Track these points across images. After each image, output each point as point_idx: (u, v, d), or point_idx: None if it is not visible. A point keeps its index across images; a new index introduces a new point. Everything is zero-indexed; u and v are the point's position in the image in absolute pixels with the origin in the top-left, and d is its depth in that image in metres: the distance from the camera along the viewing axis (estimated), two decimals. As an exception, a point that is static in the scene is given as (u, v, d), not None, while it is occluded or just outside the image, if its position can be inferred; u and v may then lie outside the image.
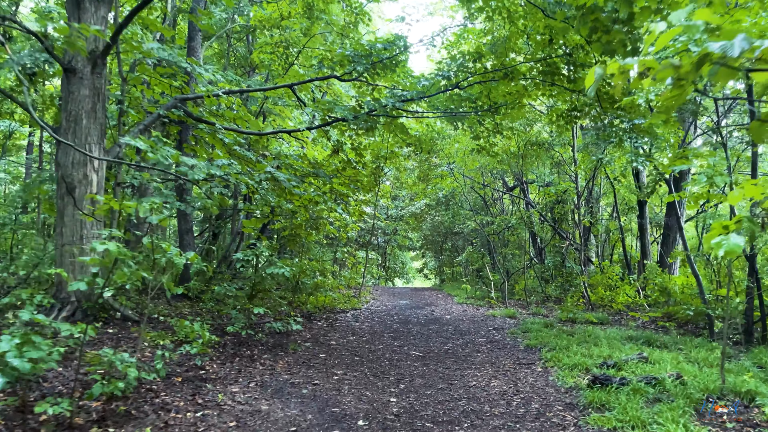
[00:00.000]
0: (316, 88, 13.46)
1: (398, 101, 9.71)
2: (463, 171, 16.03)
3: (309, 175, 10.84)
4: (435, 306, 14.80)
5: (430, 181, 17.49)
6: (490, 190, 18.95)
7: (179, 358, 6.45)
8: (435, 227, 24.98)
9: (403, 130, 12.43)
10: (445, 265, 29.35)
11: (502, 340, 9.05)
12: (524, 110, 11.11)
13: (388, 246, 32.13)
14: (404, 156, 14.69)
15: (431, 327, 10.53)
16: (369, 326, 10.46)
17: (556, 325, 10.28)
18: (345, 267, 18.44)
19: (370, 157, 13.70)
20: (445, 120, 13.80)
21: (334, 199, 13.26)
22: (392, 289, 22.19)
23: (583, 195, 16.72)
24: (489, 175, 18.39)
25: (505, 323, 11.09)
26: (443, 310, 13.65)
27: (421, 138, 13.91)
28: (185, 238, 11.73)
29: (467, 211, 24.35)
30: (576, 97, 10.13)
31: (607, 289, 13.21)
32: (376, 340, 8.92)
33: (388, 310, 13.46)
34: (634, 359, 6.89)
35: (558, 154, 17.19)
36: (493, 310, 13.55)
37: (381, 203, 26.26)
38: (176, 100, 9.37)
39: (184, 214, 11.79)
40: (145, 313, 9.38)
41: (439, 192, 21.11)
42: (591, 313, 11.39)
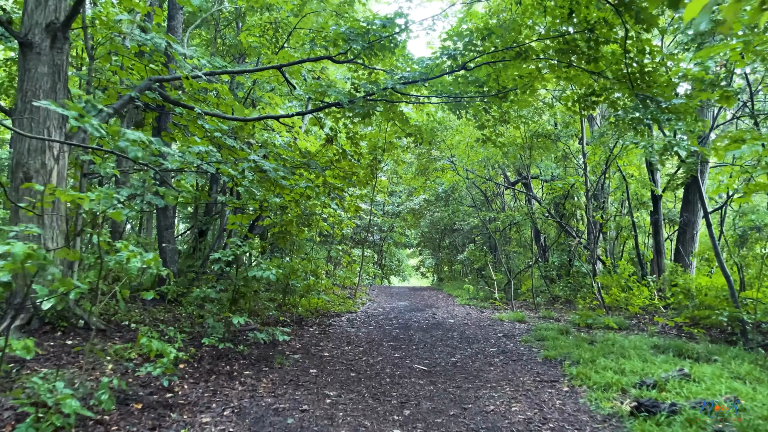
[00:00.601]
0: (308, 73, 12.46)
1: (399, 83, 8.72)
2: (465, 164, 15.08)
3: (300, 167, 9.86)
4: (436, 308, 13.84)
5: (429, 174, 16.49)
6: (493, 185, 17.95)
7: (145, 377, 5.47)
8: (434, 224, 24.02)
9: (402, 119, 11.46)
10: (444, 263, 28.40)
11: (515, 349, 8.09)
12: (536, 95, 10.15)
13: (385, 243, 31.18)
14: (403, 147, 13.73)
15: (434, 333, 9.57)
16: (366, 333, 9.48)
17: (572, 332, 9.34)
18: (340, 266, 17.46)
19: (366, 148, 12.71)
20: (447, 109, 12.84)
21: (327, 194, 12.29)
22: (389, 289, 21.22)
23: (592, 189, 15.80)
24: (491, 168, 17.41)
25: (514, 329, 10.14)
26: (445, 313, 12.69)
27: (422, 128, 12.92)
28: (164, 235, 10.71)
29: (467, 208, 23.40)
30: (595, 80, 9.17)
31: (622, 291, 12.29)
32: (375, 350, 7.94)
33: (386, 313, 12.49)
34: (674, 376, 5.94)
35: (565, 146, 16.25)
36: (499, 313, 12.60)
37: (378, 199, 25.29)
38: (150, 81, 8.34)
39: (163, 209, 10.78)
40: (113, 320, 8.40)
41: (439, 187, 20.13)
42: (608, 317, 10.46)
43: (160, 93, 8.62)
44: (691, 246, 13.86)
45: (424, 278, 35.88)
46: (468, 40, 8.91)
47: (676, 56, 8.25)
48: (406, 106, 12.88)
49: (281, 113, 12.34)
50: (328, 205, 12.15)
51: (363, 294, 16.24)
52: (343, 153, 10.74)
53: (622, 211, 17.70)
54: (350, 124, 11.26)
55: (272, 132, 13.32)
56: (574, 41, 8.42)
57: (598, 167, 15.19)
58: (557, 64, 9.05)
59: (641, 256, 14.59)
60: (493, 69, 9.44)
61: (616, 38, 7.89)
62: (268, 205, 9.05)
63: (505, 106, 11.29)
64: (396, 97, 10.18)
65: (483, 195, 19.33)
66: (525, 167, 16.06)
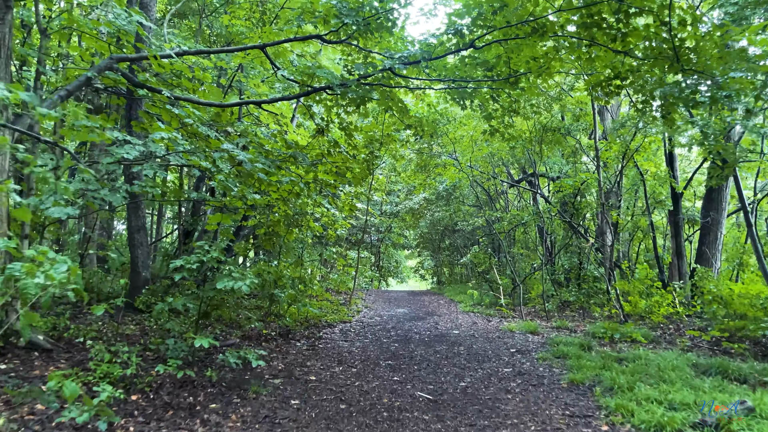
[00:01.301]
0: (299, 58, 11.32)
1: (397, 63, 7.59)
2: (470, 160, 13.97)
3: (286, 160, 8.74)
4: (438, 316, 12.73)
5: (430, 171, 15.36)
6: (499, 182, 16.81)
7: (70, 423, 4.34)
8: (434, 224, 22.90)
9: (401, 108, 10.36)
10: (444, 264, 27.29)
11: (533, 370, 6.97)
12: (548, 84, 9.06)
13: (382, 244, 30.06)
14: (402, 141, 12.62)
15: (438, 348, 8.45)
16: (361, 348, 8.36)
17: (593, 346, 8.23)
18: (335, 269, 16.33)
19: (362, 141, 11.59)
20: (450, 99, 11.77)
21: (319, 191, 11.18)
22: (387, 293, 20.09)
23: (604, 187, 14.71)
24: (497, 165, 16.28)
25: (528, 342, 9.03)
26: (449, 322, 11.58)
27: (422, 120, 11.81)
28: (136, 237, 9.57)
29: (469, 207, 22.29)
30: (621, 61, 8.08)
31: (642, 297, 11.18)
32: (370, 371, 6.82)
33: (383, 322, 11.37)
34: (736, 410, 4.84)
35: (575, 141, 15.16)
36: (507, 322, 11.49)
37: (375, 198, 24.18)
38: (112, 60, 7.20)
39: (134, 208, 9.66)
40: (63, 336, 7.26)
41: (440, 185, 19.02)
42: (633, 329, 9.36)
43: (124, 74, 7.50)
44: (714, 248, 12.78)
45: (423, 280, 34.80)
46: (477, 14, 7.81)
47: (726, 27, 7.11)
48: (406, 96, 11.77)
49: (268, 102, 11.22)
50: (320, 204, 11.05)
51: (359, 300, 15.13)
52: (335, 145, 9.63)
53: (634, 210, 16.62)
54: (344, 114, 10.14)
55: (260, 125, 12.20)
56: (600, 13, 7.32)
57: (612, 163, 14.10)
58: (578, 42, 7.95)
59: (660, 259, 13.50)
60: (504, 49, 8.34)
61: (651, 7, 6.79)
62: (252, 202, 7.93)
63: (515, 94, 10.23)
64: (394, 82, 9.09)
65: (486, 194, 18.21)
66: (533, 163, 14.95)
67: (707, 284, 9.87)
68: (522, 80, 9.30)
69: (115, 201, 6.27)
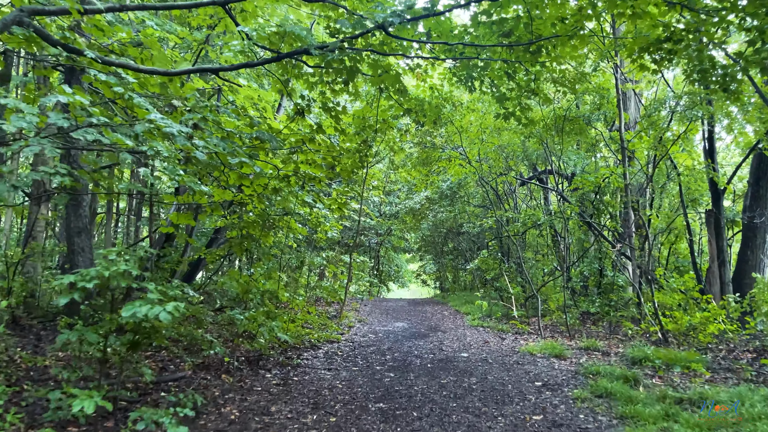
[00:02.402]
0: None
1: (392, 17, 5.89)
2: (479, 152, 12.20)
3: (256, 147, 7.04)
4: (443, 332, 11.00)
5: (432, 165, 13.59)
6: (510, 179, 15.02)
7: None
8: (436, 226, 21.15)
9: (398, 86, 8.69)
10: (447, 269, 25.54)
11: (571, 418, 5.23)
12: (583, 48, 7.39)
13: (382, 248, 28.32)
14: (400, 130, 10.92)
15: (444, 380, 6.72)
16: (346, 381, 6.63)
17: (639, 377, 6.51)
18: (330, 276, 14.63)
19: (353, 127, 9.88)
20: (456, 80, 10.10)
21: (301, 186, 9.48)
22: (385, 303, 18.33)
23: (634, 182, 13.02)
24: (508, 159, 14.52)
25: (554, 370, 7.30)
26: (455, 341, 9.85)
27: (424, 103, 10.11)
28: (76, 241, 7.88)
29: (474, 208, 20.56)
30: (679, 15, 6.40)
31: (681, 311, 9.44)
32: (353, 422, 5.08)
33: (378, 341, 9.65)
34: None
35: (597, 132, 13.48)
36: (525, 341, 9.77)
37: (373, 198, 22.45)
38: (22, 12, 5.51)
39: (74, 206, 7.97)
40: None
41: (443, 183, 17.29)
42: (681, 351, 7.63)
43: (37, 30, 5.79)
44: (763, 252, 11.05)
45: (425, 286, 33.05)
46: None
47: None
48: (405, 75, 10.07)
49: (244, 83, 9.55)
50: (305, 202, 9.34)
51: (352, 312, 13.42)
52: (318, 129, 7.92)
53: (661, 210, 14.88)
54: (329, 93, 8.44)
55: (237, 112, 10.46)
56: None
57: (641, 156, 12.42)
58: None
59: (698, 266, 11.77)
60: (525, 3, 6.65)
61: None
62: (201, 198, 6.23)
63: (535, 70, 8.59)
64: (389, 49, 7.41)
65: (494, 192, 16.50)
66: (547, 158, 13.23)
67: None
68: (544, 51, 7.67)
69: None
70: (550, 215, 12.12)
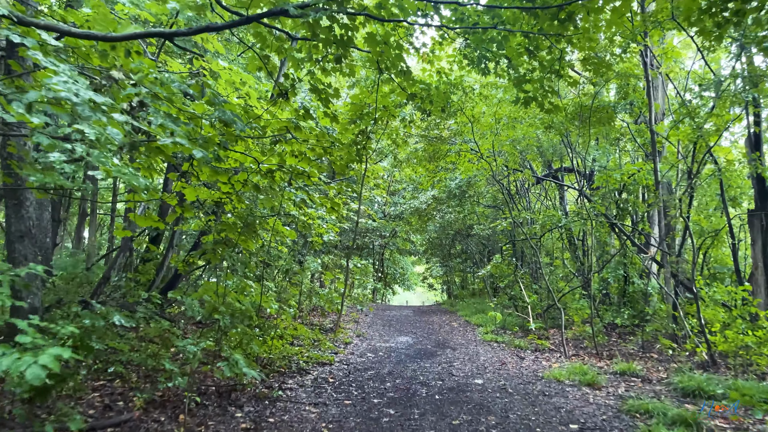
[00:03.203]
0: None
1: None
2: (493, 145, 10.85)
3: (230, 134, 5.79)
4: (453, 349, 9.69)
5: (440, 159, 12.21)
6: (522, 177, 13.63)
7: None
8: (444, 227, 19.82)
9: (402, 71, 7.49)
10: (455, 273, 24.21)
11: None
12: (627, 11, 6.11)
13: (386, 251, 27.04)
14: (404, 120, 9.60)
15: (456, 421, 5.42)
16: (335, 422, 5.34)
17: (700, 420, 5.18)
18: (328, 282, 13.35)
19: (348, 114, 8.59)
20: (468, 62, 8.85)
21: (288, 182, 8.22)
22: (388, 311, 17.01)
23: (677, 181, 11.70)
24: (525, 154, 13.14)
25: (590, 406, 5.98)
26: (467, 361, 8.54)
27: (431, 88, 8.83)
28: (17, 248, 6.65)
29: (483, 209, 19.24)
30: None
31: (734, 329, 8.09)
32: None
33: (378, 362, 8.35)
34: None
35: (622, 124, 12.16)
36: (547, 361, 8.47)
37: (377, 199, 21.14)
38: None
39: (15, 206, 6.74)
40: None
41: (451, 181, 15.97)
42: (735, 377, 6.29)
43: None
44: (819, 259, 9.69)
45: (431, 290, 31.75)
46: None
47: None
48: (407, 54, 8.77)
49: (223, 65, 8.28)
50: (294, 202, 8.09)
51: (350, 324, 12.14)
52: (305, 113, 6.65)
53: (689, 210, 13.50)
54: (318, 72, 7.16)
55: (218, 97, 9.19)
56: None
57: (674, 150, 11.11)
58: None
59: (740, 273, 10.41)
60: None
61: None
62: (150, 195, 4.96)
63: (561, 47, 7.34)
64: (387, 14, 6.15)
65: (506, 192, 15.18)
66: (569, 152, 11.90)
67: None
68: (572, 26, 6.47)
69: None
70: (573, 216, 10.79)
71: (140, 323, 8.01)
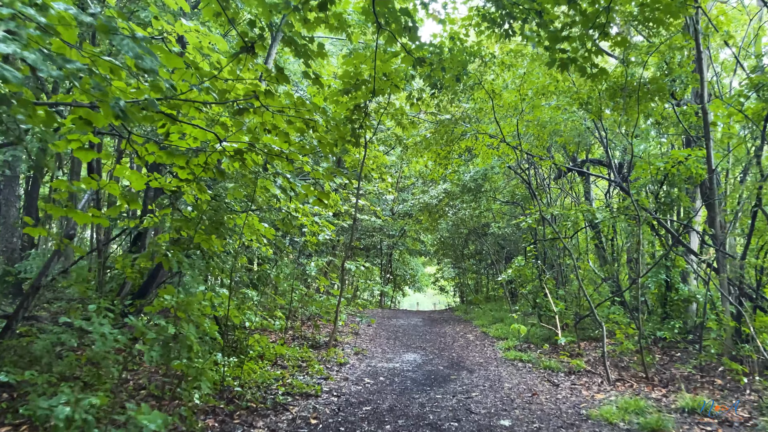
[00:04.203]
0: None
1: None
2: (518, 126, 9.10)
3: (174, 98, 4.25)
4: (469, 371, 8.04)
5: (454, 144, 10.47)
6: (561, 164, 11.80)
7: None
8: (456, 226, 18.13)
9: (405, 23, 5.94)
10: (469, 276, 22.50)
11: None
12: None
13: (395, 251, 25.40)
14: (409, 96, 7.94)
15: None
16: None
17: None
18: (323, 289, 11.75)
19: (340, 83, 6.97)
20: (487, 24, 7.33)
21: (263, 167, 6.66)
22: (395, 318, 15.34)
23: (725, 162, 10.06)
24: (554, 137, 11.40)
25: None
26: (489, 390, 6.88)
27: (443, 53, 7.19)
28: None
29: (500, 205, 17.56)
30: None
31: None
32: None
33: (377, 392, 6.71)
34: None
35: (666, 104, 10.44)
36: (589, 393, 6.79)
37: (382, 193, 19.49)
38: None
39: None
40: None
41: (465, 174, 14.29)
42: None
43: None
44: None
45: (443, 293, 30.06)
46: None
47: None
48: (415, 15, 7.12)
49: (185, 21, 6.68)
50: (268, 191, 6.51)
51: (349, 337, 10.53)
52: (279, 74, 5.05)
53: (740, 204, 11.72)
54: (296, 23, 5.56)
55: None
56: None
57: (731, 132, 9.40)
58: None
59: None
60: None
61: None
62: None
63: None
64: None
65: (528, 185, 13.48)
66: (603, 139, 10.18)
67: None
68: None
69: None
70: (610, 212, 9.10)
71: (85, 340, 6.50)
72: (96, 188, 5.10)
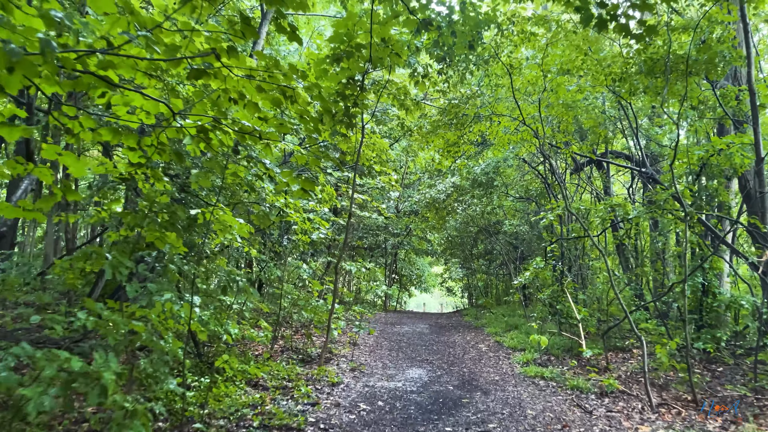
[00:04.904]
0: None
1: None
2: (540, 105, 7.91)
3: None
4: (484, 392, 6.86)
5: (466, 128, 9.24)
6: (588, 150, 10.49)
7: None
8: (466, 223, 16.93)
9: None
10: (478, 277, 21.29)
11: None
12: None
13: (401, 250, 24.24)
14: (413, 72, 6.79)
15: None
16: None
17: None
18: (316, 294, 10.63)
19: (326, 48, 5.83)
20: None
21: (233, 148, 5.53)
22: (399, 324, 14.16)
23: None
24: (580, 121, 10.16)
25: None
26: (508, 419, 5.69)
27: (452, 14, 6.03)
28: None
29: (512, 201, 16.36)
30: None
31: None
32: None
33: (374, 423, 5.53)
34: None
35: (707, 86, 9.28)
36: (633, 425, 5.60)
37: (391, 193, 18.34)
38: None
39: None
40: None
41: (476, 168, 13.10)
42: None
43: None
44: None
45: (451, 295, 28.85)
46: None
47: None
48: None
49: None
50: (242, 176, 5.38)
51: (346, 349, 9.38)
52: (244, 26, 3.90)
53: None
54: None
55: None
56: None
57: None
58: None
59: None
60: None
61: None
62: None
63: None
64: None
65: (545, 178, 12.28)
66: (633, 125, 8.96)
67: None
68: None
69: None
70: (646, 208, 7.90)
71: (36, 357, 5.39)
72: (23, 173, 3.99)
